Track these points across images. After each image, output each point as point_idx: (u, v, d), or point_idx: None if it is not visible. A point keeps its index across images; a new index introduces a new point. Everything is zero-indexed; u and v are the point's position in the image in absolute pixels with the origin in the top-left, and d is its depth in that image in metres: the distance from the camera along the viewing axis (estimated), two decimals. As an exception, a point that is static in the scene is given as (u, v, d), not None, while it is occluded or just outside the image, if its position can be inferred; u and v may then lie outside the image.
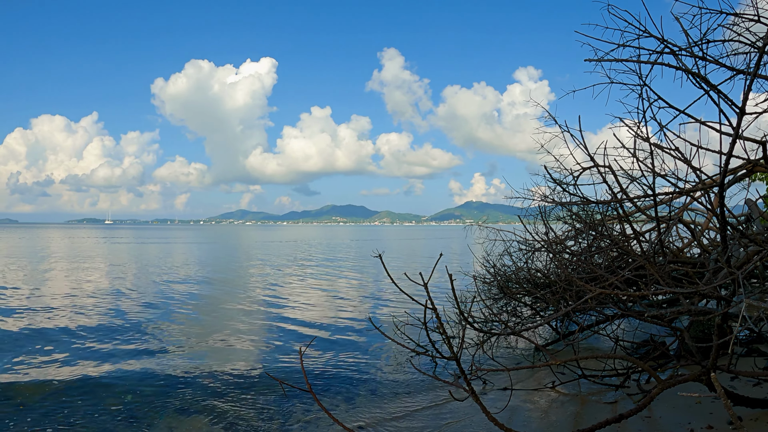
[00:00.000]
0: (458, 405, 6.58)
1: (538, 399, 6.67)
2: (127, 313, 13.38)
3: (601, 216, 6.86)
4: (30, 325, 11.70)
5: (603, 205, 6.60)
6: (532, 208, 8.47)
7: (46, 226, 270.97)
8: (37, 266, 27.43)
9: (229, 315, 13.52)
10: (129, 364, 8.60)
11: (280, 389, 7.29)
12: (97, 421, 6.17)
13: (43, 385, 7.42)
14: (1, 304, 14.62)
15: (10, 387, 7.36)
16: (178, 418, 6.32)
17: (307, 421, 6.26)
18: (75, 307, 14.31)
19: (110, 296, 16.64)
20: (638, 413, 4.44)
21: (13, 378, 7.77)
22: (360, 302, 16.03)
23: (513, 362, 8.40)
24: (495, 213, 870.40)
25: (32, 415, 6.30)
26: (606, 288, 4.82)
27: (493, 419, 4.44)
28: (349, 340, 10.57)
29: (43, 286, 18.94)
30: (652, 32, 4.87)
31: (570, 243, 8.08)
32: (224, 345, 10.12)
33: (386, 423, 6.25)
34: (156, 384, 7.60)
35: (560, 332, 8.30)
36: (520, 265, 8.71)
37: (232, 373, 8.17)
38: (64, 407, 6.58)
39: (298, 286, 19.89)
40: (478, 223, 10.77)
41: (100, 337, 10.55)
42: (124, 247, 49.09)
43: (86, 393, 7.16)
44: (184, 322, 12.38)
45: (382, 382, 7.89)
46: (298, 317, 13.21)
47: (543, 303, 8.37)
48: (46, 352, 9.36)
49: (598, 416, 5.38)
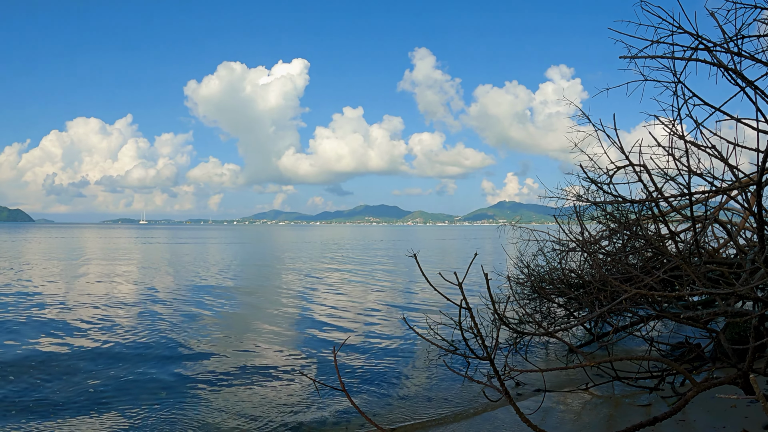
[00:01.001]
0: (491, 405, 6.56)
1: (571, 400, 6.60)
2: (161, 311, 13.71)
3: (636, 215, 6.75)
4: (64, 322, 12.08)
5: (638, 204, 6.50)
6: (566, 207, 8.39)
7: (82, 227, 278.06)
8: (73, 265, 28.23)
9: (263, 314, 13.71)
10: (163, 361, 8.80)
11: (313, 387, 7.35)
12: (132, 418, 6.32)
13: (75, 382, 7.64)
14: (37, 301, 15.06)
15: (44, 384, 7.59)
16: (212, 415, 6.43)
17: (340, 420, 6.31)
18: (110, 304, 14.75)
19: (145, 294, 17.07)
20: (672, 416, 4.37)
21: (46, 375, 8.00)
22: (393, 301, 16.07)
23: (546, 363, 8.31)
24: (528, 213, 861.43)
25: (66, 412, 6.48)
26: (641, 288, 4.75)
27: (526, 420, 4.43)
28: (382, 340, 10.61)
29: (78, 284, 19.55)
30: (686, 28, 4.79)
31: (604, 243, 7.97)
32: (258, 343, 10.27)
33: (418, 422, 6.26)
34: (190, 381, 7.77)
35: (594, 333, 8.20)
36: (554, 265, 8.63)
37: (265, 372, 8.29)
38: (97, 404, 6.76)
39: (332, 286, 20.03)
40: (511, 223, 10.69)
41: (134, 335, 10.84)
42: (159, 247, 50.04)
43: (120, 390, 7.34)
44: (218, 321, 12.60)
45: (415, 381, 7.90)
46: (332, 316, 13.32)
47: (577, 304, 8.28)
48: (81, 348, 9.65)
49: (632, 419, 5.31)
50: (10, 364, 8.55)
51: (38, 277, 21.49)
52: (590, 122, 7.24)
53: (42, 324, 11.90)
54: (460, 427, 6.29)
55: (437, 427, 6.28)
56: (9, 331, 11.08)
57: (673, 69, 5.11)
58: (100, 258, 34.65)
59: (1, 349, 9.54)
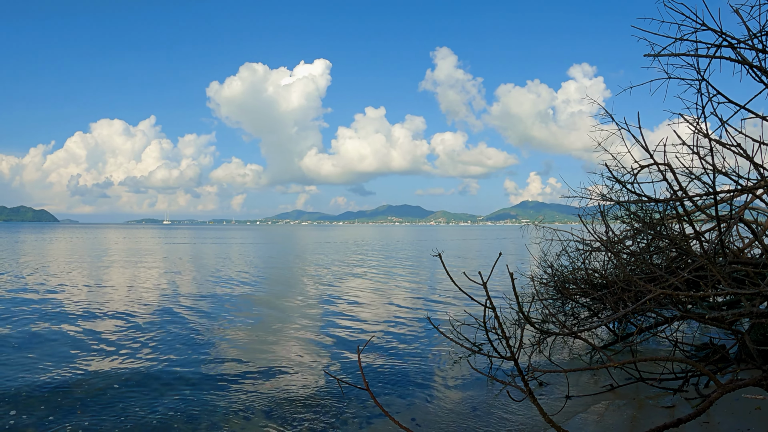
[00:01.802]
0: (514, 405, 6.55)
1: (594, 401, 6.55)
2: (185, 310, 13.92)
3: (660, 215, 6.69)
4: (89, 320, 12.38)
5: (662, 203, 6.43)
6: (590, 207, 8.33)
7: (106, 227, 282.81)
8: (98, 264, 28.72)
9: (287, 313, 13.81)
10: (187, 360, 8.93)
11: (337, 387, 7.40)
12: (155, 414, 6.43)
13: (100, 379, 7.79)
14: (62, 300, 15.42)
15: (69, 381, 7.75)
16: (235, 414, 6.51)
17: (364, 419, 6.34)
18: (134, 303, 15.04)
19: (168, 294, 17.36)
20: (696, 418, 4.33)
21: (71, 372, 8.18)
22: (416, 301, 16.07)
23: (569, 364, 8.27)
24: (551, 213, 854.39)
25: (91, 409, 6.60)
26: (665, 289, 4.71)
27: (549, 420, 4.43)
28: (406, 339, 10.63)
29: (102, 283, 19.95)
30: (710, 25, 4.74)
31: (628, 243, 7.90)
32: (281, 342, 10.38)
33: (442, 421, 6.27)
34: (213, 379, 7.87)
35: (618, 334, 8.13)
36: (578, 265, 8.57)
37: (289, 370, 8.38)
38: (121, 402, 6.87)
39: (355, 285, 20.10)
40: (534, 223, 10.64)
41: (158, 333, 11.04)
42: (183, 247, 50.57)
43: (143, 386, 7.48)
44: (242, 320, 12.74)
45: (438, 380, 7.91)
46: (356, 316, 13.37)
47: (600, 304, 8.22)
48: (104, 346, 9.86)
49: (656, 420, 5.26)
50: (32, 359, 8.83)
51: (63, 275, 22.00)
52: (613, 121, 7.18)
53: (67, 321, 12.21)
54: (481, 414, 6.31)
55: (459, 418, 6.30)
56: (33, 328, 11.35)
57: (697, 66, 5.05)
58: (124, 257, 35.32)
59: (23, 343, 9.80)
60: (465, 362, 8.63)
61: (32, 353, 9.21)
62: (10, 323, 11.77)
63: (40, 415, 6.35)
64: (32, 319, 12.27)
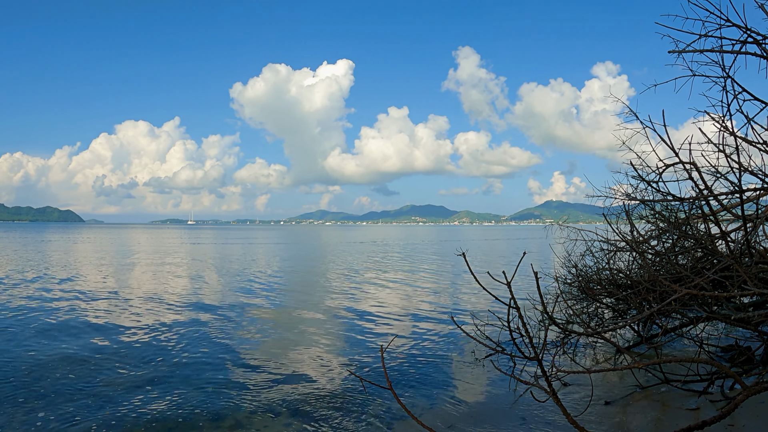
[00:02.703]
0: (538, 406, 6.51)
1: (618, 402, 6.49)
2: (209, 309, 14.15)
3: (686, 214, 6.60)
4: (116, 319, 12.65)
5: (687, 203, 6.35)
6: (614, 206, 8.25)
7: (131, 227, 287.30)
8: (124, 263, 29.21)
9: (311, 312, 13.91)
10: (211, 359, 9.07)
11: (360, 386, 7.44)
12: (179, 411, 6.55)
13: (126, 378, 7.95)
14: (87, 298, 15.78)
15: (95, 379, 7.92)
16: (260, 412, 6.59)
17: (387, 418, 6.37)
18: (159, 301, 15.39)
19: (192, 293, 17.66)
20: (721, 420, 4.26)
21: (97, 370, 8.37)
22: (440, 301, 16.07)
23: (593, 365, 8.19)
24: (575, 212, 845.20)
25: (118, 407, 6.73)
26: (690, 289, 4.65)
27: (573, 422, 4.41)
28: (429, 339, 10.63)
29: (128, 283, 20.37)
30: (735, 21, 4.66)
31: (653, 242, 7.80)
32: (305, 341, 10.48)
33: (465, 422, 6.27)
34: (237, 378, 7.99)
35: (642, 335, 8.03)
36: (602, 265, 8.49)
37: (313, 370, 8.47)
38: (147, 400, 6.98)
39: (379, 285, 20.15)
40: (558, 223, 10.55)
41: (182, 332, 11.25)
42: (207, 247, 51.07)
43: (168, 384, 7.62)
44: (266, 319, 12.88)
45: (461, 381, 7.90)
46: (379, 315, 13.42)
47: (625, 305, 8.13)
48: (130, 345, 10.06)
49: (680, 422, 5.19)
50: (64, 358, 9.05)
51: (90, 275, 22.48)
52: (638, 119, 7.10)
53: (94, 318, 12.55)
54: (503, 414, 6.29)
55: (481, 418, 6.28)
56: (62, 326, 11.63)
57: (722, 63, 4.98)
58: (150, 256, 35.91)
59: (55, 342, 10.06)
60: (488, 362, 8.60)
61: (59, 351, 9.44)
62: (39, 322, 12.06)
63: (68, 411, 6.51)
64: (60, 317, 12.62)
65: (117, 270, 25.61)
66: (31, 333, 10.91)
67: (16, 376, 7.97)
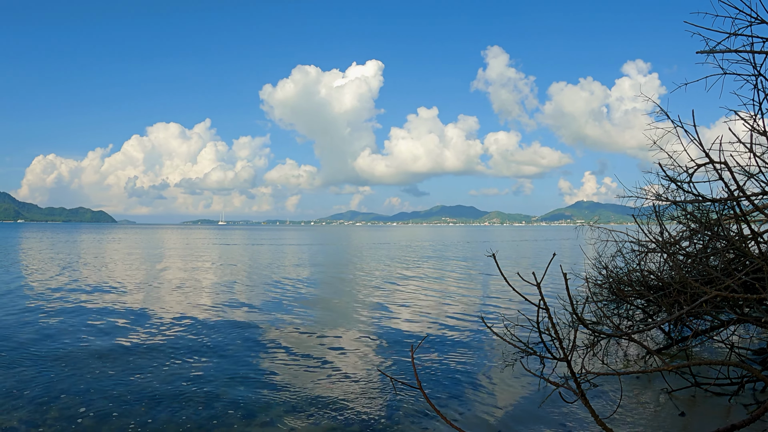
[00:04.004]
0: (566, 407, 6.49)
1: (647, 404, 6.43)
2: (240, 309, 14.44)
3: (717, 215, 6.50)
4: (148, 318, 12.96)
5: (718, 203, 6.25)
6: (645, 207, 8.16)
7: (163, 227, 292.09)
8: (157, 263, 29.72)
9: (341, 312, 14.07)
10: (242, 358, 9.24)
11: (390, 385, 7.51)
12: (212, 410, 6.69)
13: (159, 376, 8.12)
14: (122, 298, 16.21)
15: (130, 374, 8.18)
16: (290, 410, 6.71)
17: (416, 418, 6.42)
18: (192, 302, 15.63)
19: (224, 292, 17.99)
20: (751, 424, 4.21)
21: (132, 366, 8.61)
22: (469, 301, 16.06)
23: (623, 367, 8.11)
24: (606, 213, 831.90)
25: (146, 404, 6.90)
26: (722, 291, 4.60)
27: (601, 424, 4.41)
28: (458, 339, 10.66)
29: (160, 282, 20.79)
30: (765, 19, 4.58)
31: (684, 244, 7.69)
32: (335, 340, 10.62)
33: (493, 422, 6.28)
34: (268, 377, 8.13)
35: (673, 337, 7.92)
36: (633, 266, 8.40)
37: (342, 368, 8.59)
38: (179, 399, 7.12)
39: (409, 285, 20.20)
40: (589, 224, 10.47)
41: (213, 331, 11.50)
42: (239, 248, 51.57)
43: (200, 382, 7.79)
44: (296, 318, 13.07)
45: (490, 381, 7.91)
46: (409, 315, 13.50)
47: (655, 306, 8.04)
48: (161, 344, 10.28)
49: (710, 425, 5.13)
50: (96, 355, 9.37)
51: (123, 273, 23.04)
52: (669, 119, 7.02)
53: (127, 317, 12.93)
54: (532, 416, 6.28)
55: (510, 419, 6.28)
56: (95, 323, 11.99)
57: (753, 61, 4.91)
58: (181, 255, 36.58)
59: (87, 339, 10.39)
60: (516, 363, 8.58)
61: (95, 349, 9.74)
62: (76, 320, 12.44)
63: (107, 409, 6.71)
64: (96, 317, 13.02)
65: (149, 270, 26.09)
66: (65, 329, 11.33)
67: (54, 371, 8.29)
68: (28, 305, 14.60)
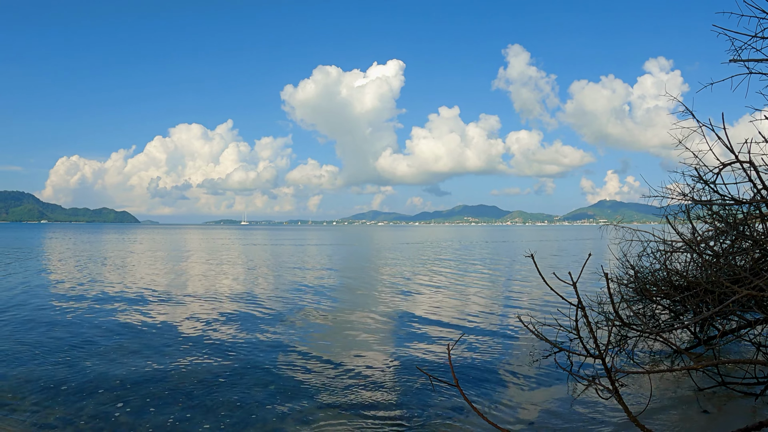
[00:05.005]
0: (596, 404, 6.56)
1: (675, 402, 6.46)
2: (267, 308, 14.61)
3: (744, 215, 6.50)
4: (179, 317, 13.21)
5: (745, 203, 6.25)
6: (670, 206, 8.14)
7: (186, 227, 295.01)
8: (182, 262, 30.03)
9: (371, 311, 14.17)
10: (273, 356, 9.40)
11: (428, 382, 7.64)
12: (243, 409, 6.81)
13: (190, 372, 8.36)
14: (150, 297, 16.52)
15: (161, 372, 8.38)
16: (325, 406, 6.86)
17: (453, 414, 6.54)
18: (220, 301, 15.90)
19: (248, 291, 18.18)
20: (778, 422, 4.24)
21: (164, 366, 8.79)
22: (498, 300, 16.15)
23: (651, 365, 8.13)
24: (630, 212, 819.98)
25: (182, 400, 7.11)
26: (749, 290, 4.63)
27: (634, 420, 4.49)
28: (488, 337, 10.77)
29: (186, 282, 21.10)
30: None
31: (710, 243, 7.67)
32: (369, 339, 10.80)
33: (527, 418, 6.39)
34: (301, 373, 8.31)
35: (700, 337, 7.91)
36: (659, 266, 8.40)
37: (377, 366, 8.74)
38: (213, 395, 7.31)
39: (436, 285, 20.26)
40: (613, 223, 10.45)
41: (243, 328, 11.76)
42: (263, 247, 51.91)
43: (230, 382, 7.91)
44: (327, 317, 13.28)
45: (524, 377, 8.03)
46: (444, 314, 13.62)
47: (682, 306, 8.04)
48: (191, 342, 10.50)
49: (736, 423, 5.16)
50: (130, 350, 9.70)
51: (154, 272, 23.34)
52: (693, 117, 7.01)
53: (156, 314, 13.23)
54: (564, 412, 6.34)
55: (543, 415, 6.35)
56: (126, 322, 12.30)
57: (779, 62, 4.91)
58: (204, 255, 37.17)
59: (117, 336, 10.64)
60: (547, 360, 8.65)
61: (128, 346, 10.06)
62: (106, 319, 12.78)
63: (144, 404, 6.95)
64: (125, 315, 13.30)
65: (174, 269, 26.36)
66: (95, 327, 11.63)
67: (89, 367, 8.58)
68: (56, 303, 14.89)
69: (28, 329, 11.60)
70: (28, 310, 14.08)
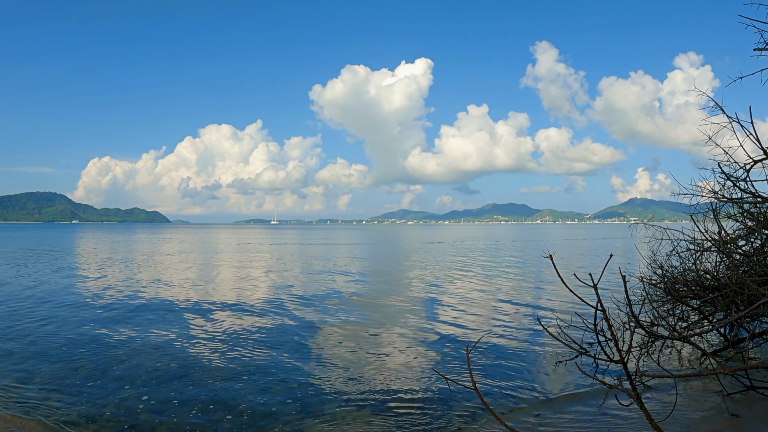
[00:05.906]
0: (620, 408, 6.42)
1: (702, 407, 6.29)
2: (292, 309, 14.64)
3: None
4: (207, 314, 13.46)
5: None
6: (701, 204, 7.94)
7: (216, 227, 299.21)
8: (212, 261, 30.43)
9: (396, 313, 14.14)
10: (296, 357, 9.43)
11: (445, 385, 7.58)
12: (269, 407, 6.88)
13: (214, 369, 8.52)
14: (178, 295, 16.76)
15: (186, 366, 8.60)
16: (345, 408, 6.87)
17: (470, 417, 6.50)
18: (245, 301, 16.05)
19: (274, 292, 18.30)
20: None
21: (189, 362, 8.96)
22: (522, 301, 15.91)
23: (678, 368, 7.92)
24: (660, 210, 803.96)
25: (204, 394, 7.26)
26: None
27: (656, 427, 4.37)
28: (511, 340, 10.62)
29: (214, 280, 21.43)
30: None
31: (741, 243, 7.45)
32: (389, 339, 10.79)
33: (546, 423, 6.27)
34: (322, 375, 8.33)
35: (729, 339, 7.68)
36: (688, 266, 8.18)
37: (397, 368, 8.72)
38: (234, 393, 7.40)
39: (462, 285, 20.16)
40: (643, 221, 10.24)
41: (267, 328, 11.83)
42: (292, 247, 52.16)
43: (252, 381, 7.98)
44: (350, 318, 13.29)
45: (543, 381, 7.91)
46: (463, 315, 13.53)
47: (712, 307, 7.81)
48: (216, 340, 10.65)
49: (765, 429, 4.98)
50: (153, 346, 9.92)
51: (186, 270, 23.75)
52: (723, 113, 6.81)
53: (185, 311, 13.52)
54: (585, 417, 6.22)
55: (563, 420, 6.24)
56: (149, 317, 12.53)
57: (810, 55, 4.72)
58: (235, 254, 37.57)
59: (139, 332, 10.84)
60: (569, 364, 8.51)
61: (154, 342, 10.26)
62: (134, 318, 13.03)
63: (168, 396, 7.13)
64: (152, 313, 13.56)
65: (204, 268, 26.77)
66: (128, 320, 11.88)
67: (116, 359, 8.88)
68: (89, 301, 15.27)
69: (60, 324, 11.98)
70: (63, 307, 14.50)
